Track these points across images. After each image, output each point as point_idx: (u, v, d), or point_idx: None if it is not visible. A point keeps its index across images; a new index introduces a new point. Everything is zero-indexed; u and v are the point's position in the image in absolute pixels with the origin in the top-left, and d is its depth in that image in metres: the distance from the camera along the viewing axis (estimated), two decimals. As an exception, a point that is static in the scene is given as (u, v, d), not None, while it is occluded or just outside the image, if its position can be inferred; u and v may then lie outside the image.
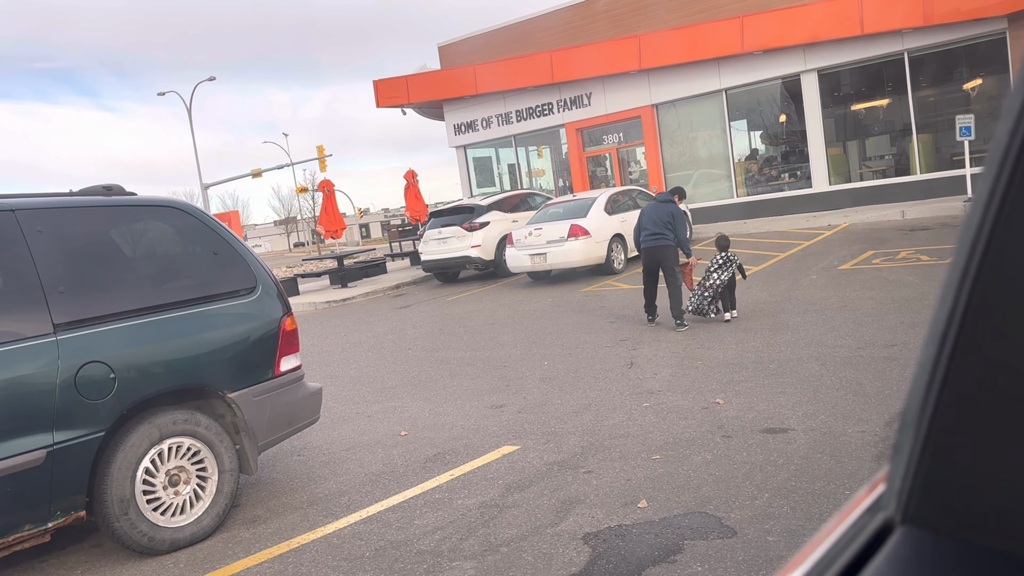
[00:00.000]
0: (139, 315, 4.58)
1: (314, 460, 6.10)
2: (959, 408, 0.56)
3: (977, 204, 0.55)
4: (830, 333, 7.73)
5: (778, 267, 12.52)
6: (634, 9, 21.51)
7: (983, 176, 0.56)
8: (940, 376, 0.57)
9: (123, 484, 4.37)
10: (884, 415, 5.20)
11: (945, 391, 0.57)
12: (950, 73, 18.24)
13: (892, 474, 0.62)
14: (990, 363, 0.55)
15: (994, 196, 0.54)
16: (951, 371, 0.56)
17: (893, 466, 0.62)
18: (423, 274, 19.08)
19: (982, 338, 0.55)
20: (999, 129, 0.55)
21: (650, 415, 5.97)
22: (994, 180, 0.54)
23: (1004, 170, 0.54)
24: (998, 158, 0.54)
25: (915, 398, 0.59)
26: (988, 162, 0.55)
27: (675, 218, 9.10)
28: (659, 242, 9.14)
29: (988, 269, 0.54)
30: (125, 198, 4.90)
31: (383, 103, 24.94)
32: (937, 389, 0.57)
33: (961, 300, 0.55)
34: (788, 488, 4.28)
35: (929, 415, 0.58)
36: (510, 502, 4.66)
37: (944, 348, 0.57)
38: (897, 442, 0.61)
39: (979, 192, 0.56)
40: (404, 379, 8.57)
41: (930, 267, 10.43)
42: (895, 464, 0.61)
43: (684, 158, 21.70)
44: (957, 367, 0.56)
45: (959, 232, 0.57)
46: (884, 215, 16.62)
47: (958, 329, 0.56)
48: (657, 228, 9.14)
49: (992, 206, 0.54)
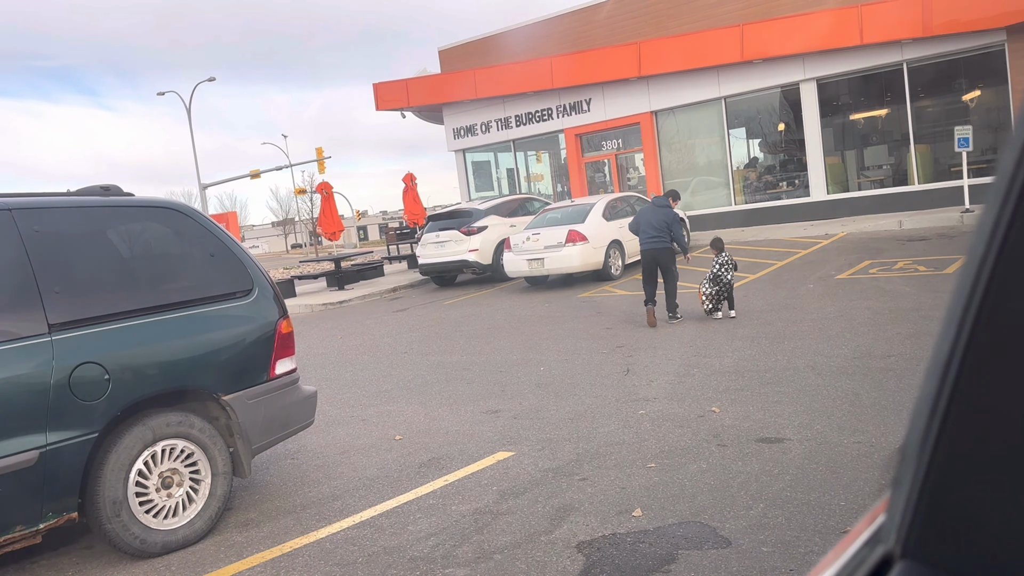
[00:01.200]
0: (135, 316, 4.56)
1: (308, 464, 6.08)
2: (962, 440, 0.55)
3: (981, 234, 0.54)
4: (827, 343, 7.73)
5: (775, 275, 12.52)
6: (634, 16, 21.54)
7: (986, 209, 0.55)
8: (943, 407, 0.56)
9: (116, 486, 4.35)
10: (880, 426, 5.19)
11: (948, 423, 0.56)
12: (949, 84, 18.29)
13: (892, 506, 0.61)
14: (994, 395, 0.54)
15: (998, 228, 0.53)
16: (954, 402, 0.55)
17: (893, 498, 0.61)
18: (420, 277, 19.07)
19: (986, 370, 0.54)
20: (1004, 158, 0.54)
21: (646, 423, 5.96)
22: (998, 212, 0.53)
23: (1009, 201, 0.53)
24: (1003, 188, 0.53)
25: (916, 429, 0.58)
26: (991, 193, 0.54)
27: (672, 222, 9.85)
28: (658, 244, 9.89)
29: (992, 299, 0.53)
30: (122, 198, 4.88)
31: (383, 106, 24.95)
32: (939, 421, 0.56)
33: (964, 331, 0.54)
34: (783, 498, 4.27)
35: (931, 447, 0.57)
36: (504, 509, 4.64)
37: (947, 379, 0.56)
38: (898, 473, 0.60)
39: (983, 223, 0.55)
40: (399, 383, 8.55)
41: (927, 278, 10.44)
42: (895, 496, 0.60)
43: (683, 165, 21.72)
44: (960, 399, 0.55)
45: (963, 263, 0.56)
46: (881, 225, 16.64)
47: (961, 360, 0.55)
48: (656, 232, 9.89)
49: (996, 237, 0.53)
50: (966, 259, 0.55)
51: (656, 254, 9.86)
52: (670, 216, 9.87)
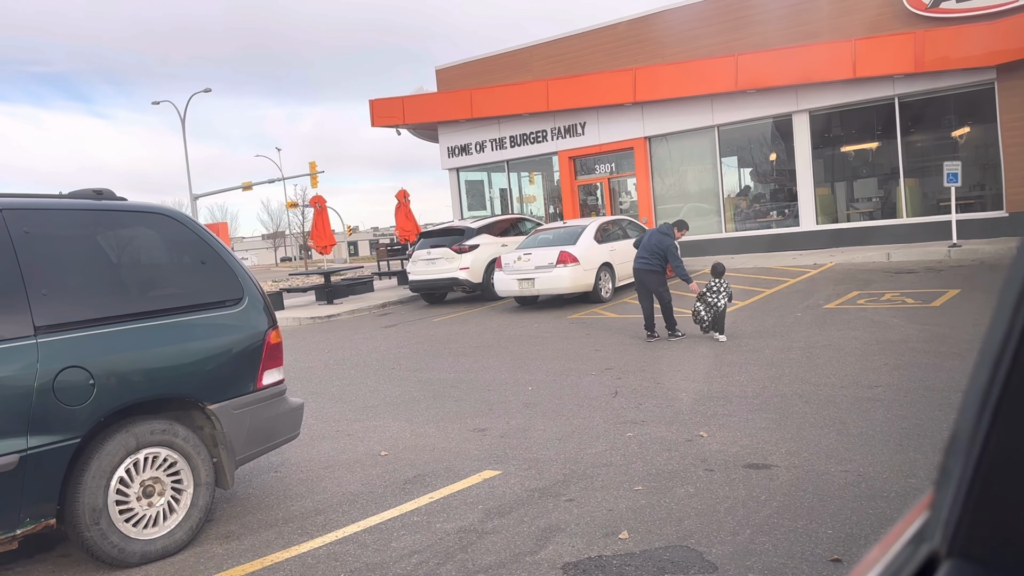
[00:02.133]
0: (122, 321, 4.52)
1: (291, 477, 6.02)
2: (1014, 434, 0.54)
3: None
4: (814, 371, 7.74)
5: (764, 303, 12.56)
6: (631, 42, 21.74)
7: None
8: (995, 399, 0.54)
9: (96, 493, 4.29)
10: (867, 455, 5.19)
11: (1000, 415, 0.54)
12: (939, 120, 18.51)
13: (938, 502, 0.58)
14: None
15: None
16: (1007, 393, 0.54)
17: (939, 494, 0.58)
18: (410, 294, 19.03)
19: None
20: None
21: (633, 445, 5.93)
22: None
23: None
24: None
25: (966, 420, 0.56)
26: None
27: (667, 250, 10.25)
28: (644, 266, 10.40)
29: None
30: (115, 203, 4.86)
31: (378, 122, 25.01)
32: (991, 413, 0.54)
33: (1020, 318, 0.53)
34: (770, 525, 4.25)
35: (981, 440, 0.55)
36: (489, 528, 4.60)
37: (1000, 369, 0.54)
38: (945, 467, 0.58)
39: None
40: (386, 399, 8.50)
41: (915, 310, 10.50)
42: (942, 492, 0.58)
43: (675, 191, 21.85)
44: (1014, 390, 0.53)
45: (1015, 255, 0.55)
46: (870, 256, 16.76)
47: (1016, 350, 0.53)
48: (646, 254, 10.40)
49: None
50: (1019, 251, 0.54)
51: (642, 275, 10.43)
52: (666, 243, 10.27)
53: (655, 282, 10.28)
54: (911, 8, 17.69)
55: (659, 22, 21.42)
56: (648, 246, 10.38)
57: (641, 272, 10.42)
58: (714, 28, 20.32)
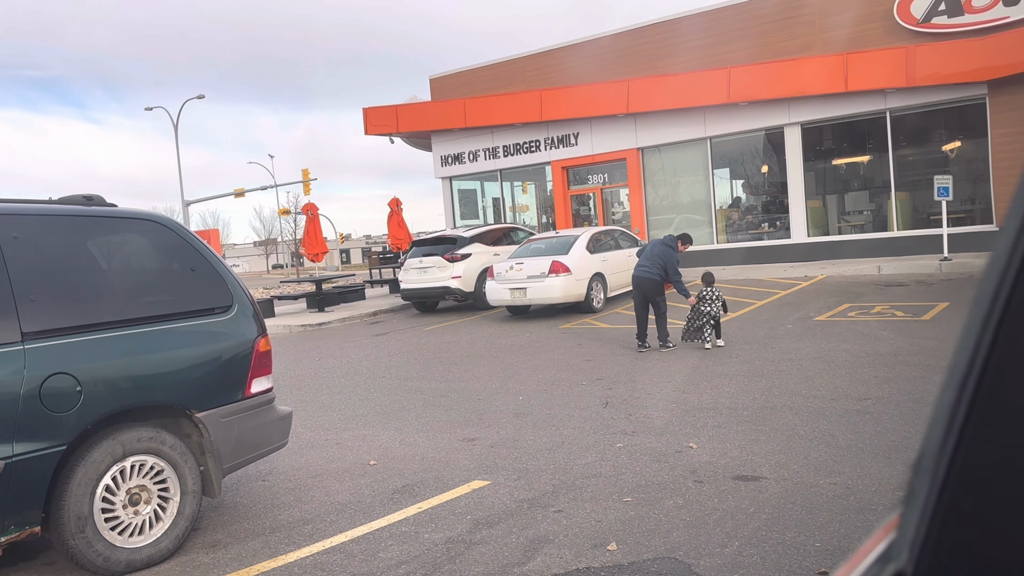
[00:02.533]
0: (111, 328, 4.49)
1: (279, 486, 5.99)
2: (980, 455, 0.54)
3: (1003, 245, 0.54)
4: (804, 383, 7.76)
5: (755, 315, 12.59)
6: (625, 54, 21.83)
7: (1008, 222, 0.54)
8: (960, 420, 0.54)
9: (82, 501, 4.25)
10: (856, 468, 5.19)
11: (966, 436, 0.54)
12: (930, 134, 18.63)
13: (905, 522, 0.59)
14: (1015, 408, 0.52)
15: (1020, 240, 0.52)
16: (972, 415, 0.54)
17: (906, 513, 0.58)
18: (401, 302, 19.01)
19: (1006, 382, 0.53)
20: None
21: (623, 456, 5.93)
22: (1020, 226, 0.53)
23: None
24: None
25: (933, 442, 0.56)
26: (1014, 206, 0.54)
27: (668, 263, 10.31)
28: (644, 274, 10.41)
29: (1013, 309, 0.52)
30: (105, 209, 4.84)
31: (372, 131, 25.03)
32: (957, 434, 0.54)
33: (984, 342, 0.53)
34: (759, 537, 4.25)
35: (947, 461, 0.55)
36: (478, 538, 4.58)
37: (965, 391, 0.54)
38: (911, 488, 0.58)
39: (1004, 236, 0.54)
40: (376, 407, 8.47)
41: (905, 323, 10.53)
42: (908, 512, 0.58)
43: (667, 202, 21.91)
44: (979, 411, 0.54)
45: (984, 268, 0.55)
46: (860, 269, 16.83)
47: (980, 372, 0.53)
48: (647, 263, 10.44)
49: (1018, 250, 0.52)
50: (986, 271, 0.55)
51: (641, 282, 10.45)
52: (668, 255, 10.37)
53: (653, 291, 10.32)
54: (903, 23, 17.83)
55: (653, 34, 21.53)
56: (650, 255, 10.44)
57: (640, 280, 10.43)
58: (707, 41, 20.44)
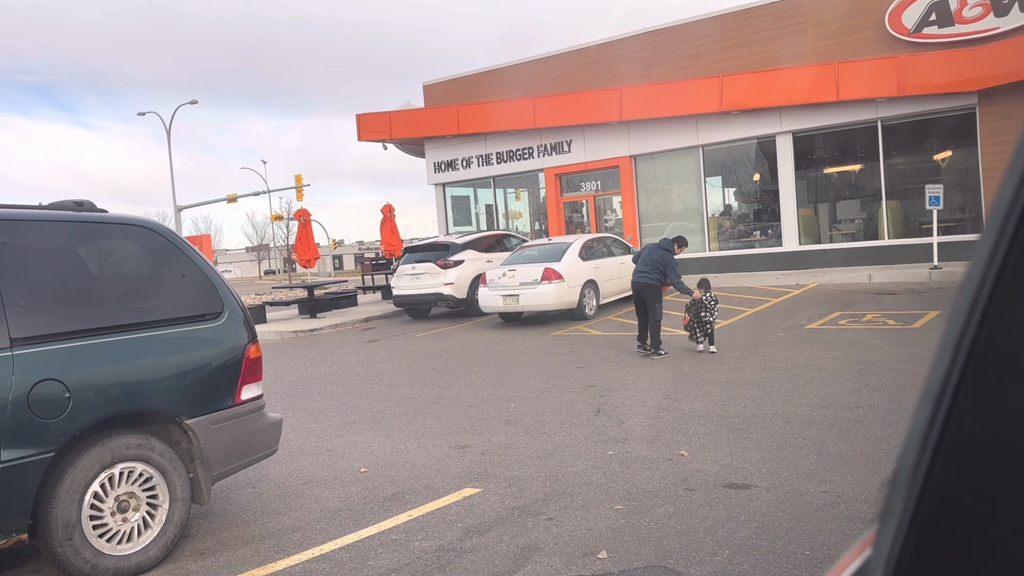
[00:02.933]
0: (101, 334, 4.47)
1: (269, 493, 5.96)
2: (954, 472, 0.54)
3: (977, 263, 0.54)
4: (795, 391, 7.77)
5: (747, 323, 12.62)
6: (617, 62, 21.91)
7: (983, 237, 0.55)
8: (935, 437, 0.55)
9: (69, 508, 4.23)
10: (847, 476, 5.20)
11: (940, 454, 0.54)
12: (921, 143, 18.75)
13: (880, 539, 0.59)
14: (989, 426, 0.53)
15: (995, 257, 0.53)
16: (947, 433, 0.54)
17: (881, 531, 0.59)
18: (394, 309, 18.97)
19: (981, 400, 0.53)
20: (1000, 194, 0.54)
21: (614, 464, 5.92)
22: (995, 241, 0.53)
23: (1006, 230, 0.53)
24: (1001, 216, 0.53)
25: (907, 460, 0.56)
26: (990, 222, 0.54)
27: (667, 265, 10.44)
28: (643, 279, 10.52)
29: (988, 328, 0.53)
30: (95, 215, 4.82)
31: (365, 137, 25.04)
32: (931, 451, 0.55)
33: (959, 360, 0.54)
34: (749, 546, 4.25)
35: (922, 478, 0.55)
36: (468, 547, 4.57)
37: (940, 408, 0.54)
38: (886, 505, 0.58)
39: (979, 252, 0.54)
40: (368, 414, 8.45)
41: (896, 331, 10.57)
42: (883, 529, 0.58)
43: (659, 210, 21.97)
44: (954, 429, 0.54)
45: (957, 291, 0.56)
46: (851, 277, 16.89)
47: (955, 389, 0.54)
48: (646, 268, 10.54)
49: (993, 266, 0.53)
50: (961, 288, 0.55)
51: (640, 287, 10.57)
52: (666, 258, 10.47)
53: (653, 296, 10.40)
54: (894, 33, 17.96)
55: (645, 42, 21.62)
56: (648, 260, 10.54)
57: (640, 285, 10.54)
58: (700, 49, 20.54)
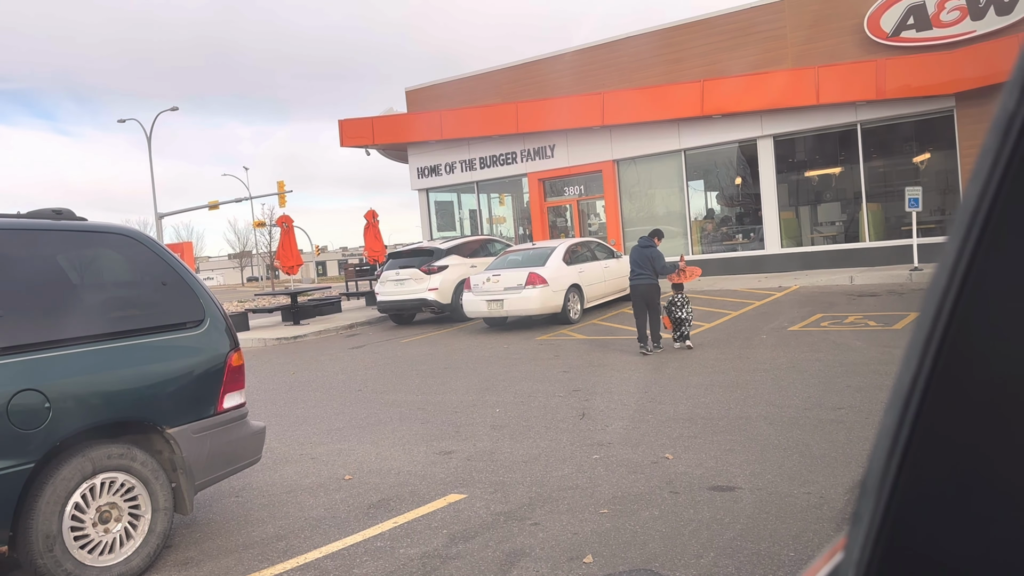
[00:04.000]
0: (81, 343, 4.43)
1: (253, 502, 5.92)
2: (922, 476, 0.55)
3: (943, 268, 0.55)
4: (779, 393, 7.82)
5: (730, 325, 12.68)
6: (599, 67, 21.99)
7: (950, 240, 0.55)
8: (903, 441, 0.55)
9: (50, 519, 4.18)
10: (830, 478, 5.24)
11: (908, 457, 0.55)
12: (900, 146, 18.94)
13: (850, 543, 0.59)
14: (956, 430, 0.53)
15: (960, 259, 0.53)
16: (915, 436, 0.55)
17: (851, 535, 0.59)
18: (378, 315, 18.92)
19: (948, 403, 0.54)
20: (967, 193, 0.55)
21: (600, 467, 5.93)
22: (960, 244, 0.54)
23: (971, 234, 0.53)
24: (966, 220, 0.54)
25: (876, 464, 0.57)
26: (955, 226, 0.55)
27: (653, 258, 10.94)
28: (643, 280, 10.94)
29: (954, 332, 0.53)
30: (74, 223, 4.78)
31: (347, 143, 24.98)
32: (900, 455, 0.55)
33: (926, 363, 0.54)
34: (734, 547, 4.26)
35: (891, 482, 0.56)
36: (453, 553, 4.56)
37: (908, 412, 0.55)
38: (856, 509, 0.59)
39: (945, 255, 0.55)
40: (352, 421, 8.42)
41: (877, 332, 10.66)
42: (854, 533, 0.59)
43: (642, 214, 22.05)
44: (922, 433, 0.55)
45: (924, 295, 0.56)
46: (833, 279, 17.02)
47: (923, 393, 0.54)
48: (641, 268, 10.97)
49: (959, 269, 0.53)
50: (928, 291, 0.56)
51: (643, 289, 10.91)
52: (653, 252, 10.98)
53: (654, 293, 10.90)
54: (873, 37, 18.14)
55: (627, 47, 21.71)
56: (640, 261, 10.96)
57: (641, 287, 10.92)
58: (681, 54, 20.65)
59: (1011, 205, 0.52)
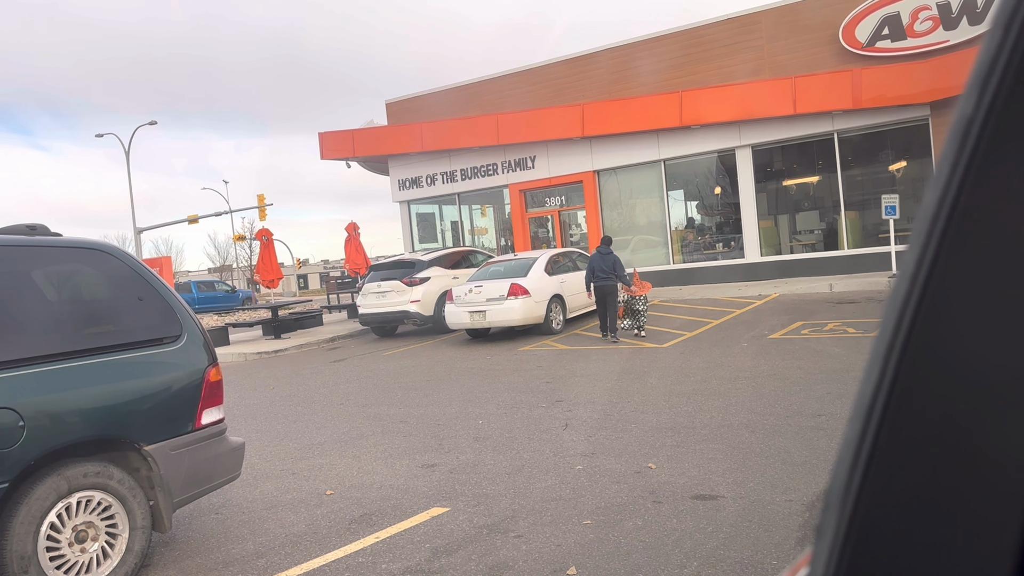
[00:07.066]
0: (56, 360, 4.37)
1: (233, 519, 5.85)
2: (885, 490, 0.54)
3: (903, 278, 0.55)
4: (759, 401, 7.84)
5: (710, 334, 12.73)
6: (579, 78, 22.11)
7: (909, 249, 0.55)
8: (866, 453, 0.55)
9: (25, 540, 4.10)
10: (811, 485, 5.25)
11: (871, 471, 0.55)
12: (877, 154, 19.15)
13: (815, 559, 0.59)
14: (920, 442, 0.53)
15: (921, 267, 0.53)
16: (877, 450, 0.54)
17: (816, 550, 0.59)
18: (360, 328, 18.84)
19: (911, 415, 0.53)
20: (925, 201, 0.55)
21: (583, 478, 5.92)
22: (920, 252, 0.54)
23: (931, 242, 0.53)
24: (924, 231, 0.54)
25: (839, 478, 0.57)
26: (914, 235, 0.55)
27: (617, 265, 13.12)
28: (607, 282, 13.12)
29: (916, 342, 0.53)
30: (49, 239, 4.72)
31: (328, 155, 24.91)
32: (862, 469, 0.55)
33: (888, 374, 0.54)
34: (717, 557, 4.26)
35: (854, 496, 0.55)
36: (436, 567, 4.52)
37: (870, 424, 0.55)
38: (820, 524, 0.58)
39: (905, 264, 0.55)
40: (333, 435, 8.35)
41: (856, 339, 10.74)
42: (818, 548, 0.58)
43: (623, 224, 22.14)
44: (884, 446, 0.54)
45: (885, 305, 0.56)
46: (812, 287, 17.15)
47: (884, 404, 0.54)
48: (605, 273, 13.12)
49: (919, 280, 0.53)
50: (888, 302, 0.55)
51: (606, 289, 13.14)
52: (614, 259, 13.20)
53: (613, 292, 13.14)
54: (848, 47, 18.36)
55: (606, 59, 21.85)
56: (603, 267, 13.11)
57: (605, 287, 13.15)
58: (659, 65, 20.79)
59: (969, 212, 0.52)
